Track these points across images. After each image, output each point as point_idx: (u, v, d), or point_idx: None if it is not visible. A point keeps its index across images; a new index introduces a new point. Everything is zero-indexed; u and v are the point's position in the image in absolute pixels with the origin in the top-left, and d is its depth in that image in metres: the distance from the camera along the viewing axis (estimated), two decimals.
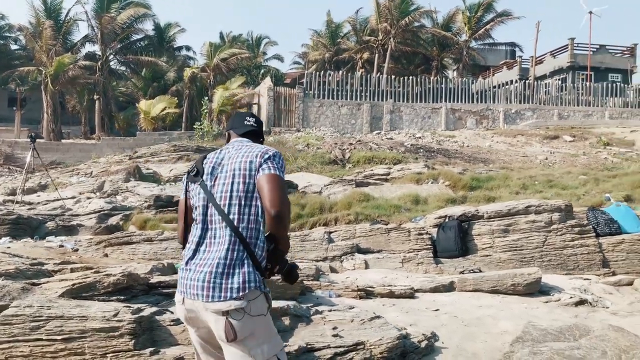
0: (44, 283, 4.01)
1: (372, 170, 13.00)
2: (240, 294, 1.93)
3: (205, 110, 24.69)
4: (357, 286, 5.01)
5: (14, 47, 36.92)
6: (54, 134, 25.34)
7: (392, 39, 30.03)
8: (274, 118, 24.46)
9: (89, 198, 10.20)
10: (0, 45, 35.01)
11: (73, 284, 3.69)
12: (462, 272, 5.83)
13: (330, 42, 36.97)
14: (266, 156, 2.10)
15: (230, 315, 1.92)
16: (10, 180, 15.00)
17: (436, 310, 4.64)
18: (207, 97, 26.11)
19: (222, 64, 28.94)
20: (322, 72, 26.45)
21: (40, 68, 26.78)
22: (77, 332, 2.80)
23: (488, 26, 30.20)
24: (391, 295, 4.98)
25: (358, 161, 15.31)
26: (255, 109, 27.69)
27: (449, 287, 5.24)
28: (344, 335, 3.44)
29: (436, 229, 6.48)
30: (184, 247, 2.16)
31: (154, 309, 3.13)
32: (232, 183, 2.08)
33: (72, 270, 4.96)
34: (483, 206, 6.60)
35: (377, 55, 31.74)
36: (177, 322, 2.99)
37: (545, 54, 33.76)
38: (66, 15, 29.79)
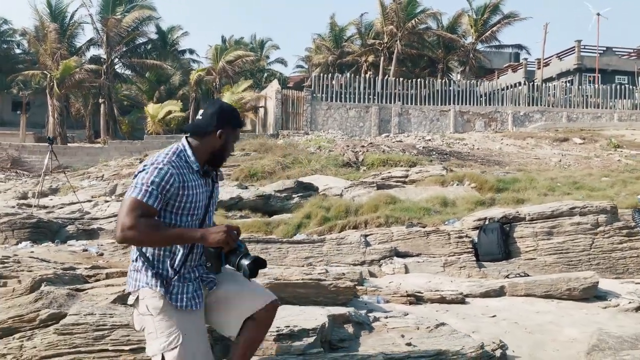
0: (88, 289, 3.79)
1: (389, 172, 12.81)
2: (131, 289, 2.27)
3: None
4: (406, 291, 4.80)
5: (17, 51, 36.81)
6: (60, 137, 25.11)
7: (398, 41, 29.90)
8: (282, 121, 24.30)
9: (106, 201, 10.00)
10: (3, 49, 34.88)
11: (124, 290, 3.48)
12: (507, 276, 5.62)
13: (334, 45, 36.85)
14: (137, 171, 2.17)
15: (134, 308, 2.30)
16: (20, 184, 14.78)
17: (493, 316, 4.43)
18: None
19: (228, 66, 28.81)
20: (330, 74, 26.30)
21: (45, 72, 26.61)
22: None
23: (495, 28, 30.10)
24: (442, 300, 4.77)
25: (372, 164, 15.13)
26: (261, 112, 27.53)
27: (499, 292, 5.03)
28: (416, 344, 3.23)
29: (475, 232, 6.28)
30: None
31: None
32: None
33: (107, 276, 4.75)
34: (524, 208, 6.40)
35: (382, 58, 31.63)
36: None
37: (552, 56, 33.68)
38: (71, 19, 29.68)
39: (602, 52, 31.86)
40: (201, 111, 2.30)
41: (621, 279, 5.62)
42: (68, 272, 4.90)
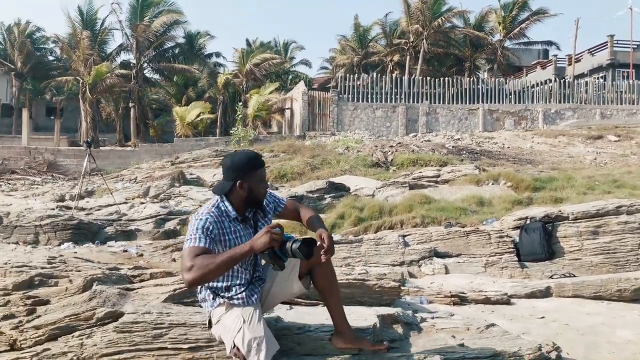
0: (137, 288, 3.85)
1: (420, 172, 12.68)
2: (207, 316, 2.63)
3: (240, 116, 24.72)
4: (450, 292, 4.73)
5: (50, 58, 37.84)
6: (84, 145, 25.67)
7: (424, 40, 29.63)
8: (309, 122, 24.34)
9: (142, 203, 10.17)
10: (37, 56, 35.89)
11: (174, 290, 3.52)
12: (551, 277, 5.50)
13: (358, 45, 36.72)
14: None
15: None
16: (57, 187, 15.16)
17: (542, 317, 4.33)
18: (240, 103, 26.17)
19: (255, 69, 29.02)
20: (355, 75, 26.23)
21: (78, 77, 27.28)
22: (203, 341, 2.61)
23: (523, 25, 29.53)
24: (486, 301, 4.69)
25: (402, 164, 15.02)
26: (288, 113, 27.65)
27: (545, 293, 4.92)
28: (468, 345, 3.17)
29: (516, 232, 6.16)
30: None
31: (274, 314, 2.92)
32: None
33: (151, 276, 4.81)
34: (567, 207, 6.25)
35: (408, 57, 31.39)
36: (303, 329, 2.78)
37: (583, 52, 32.88)
38: (101, 25, 30.36)
39: (635, 46, 30.96)
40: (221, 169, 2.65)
41: None
42: (113, 272, 5.00)
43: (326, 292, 2.65)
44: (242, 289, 2.50)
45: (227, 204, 2.51)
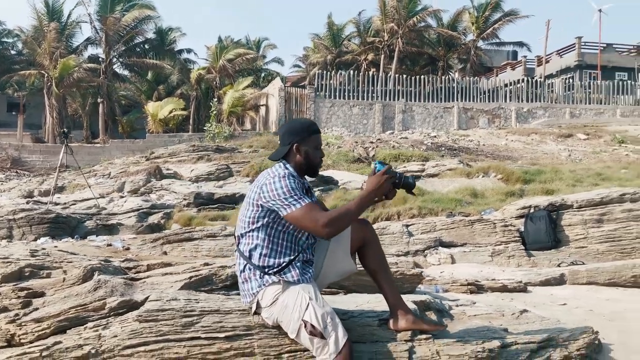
0: (144, 278, 3.54)
1: (405, 167, 12.61)
2: (250, 299, 2.41)
3: (214, 112, 24.19)
4: (466, 280, 4.57)
5: (12, 52, 36.23)
6: (59, 137, 24.68)
7: (399, 39, 29.73)
8: (285, 119, 23.99)
9: (122, 197, 9.70)
10: None
11: (190, 277, 3.22)
12: (559, 265, 5.42)
13: (332, 44, 36.55)
14: (256, 192, 2.39)
15: None
16: (24, 183, 14.41)
17: (563, 304, 4.21)
18: (215, 99, 25.62)
19: (229, 65, 28.48)
20: (332, 72, 26.07)
21: (43, 71, 26.17)
22: (241, 329, 2.33)
23: (496, 25, 30.00)
24: (503, 289, 4.56)
25: (384, 159, 14.91)
26: (263, 110, 27.26)
27: (560, 280, 4.83)
28: (512, 330, 3.00)
29: (518, 221, 6.08)
30: None
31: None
32: None
33: (148, 267, 4.49)
34: (571, 195, 6.21)
35: (382, 56, 31.44)
36: (347, 314, 2.54)
37: (552, 53, 33.69)
38: (68, 17, 29.25)
39: (602, 48, 31.90)
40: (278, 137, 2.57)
41: None
42: (106, 264, 4.64)
43: (379, 271, 2.50)
44: (297, 266, 2.31)
45: (290, 167, 2.37)
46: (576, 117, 26.78)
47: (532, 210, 6.01)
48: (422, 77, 26.38)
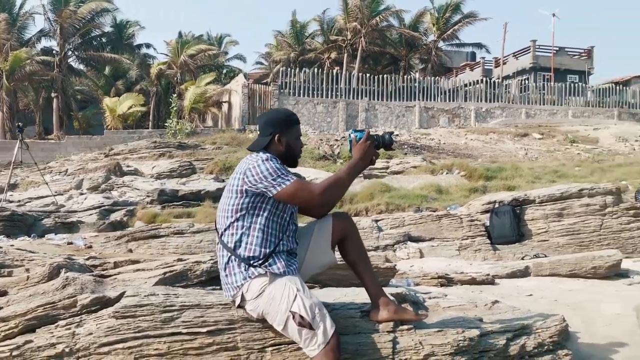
0: (115, 274, 3.44)
1: None
2: (234, 292, 2.37)
3: (175, 108, 23.71)
4: (437, 273, 4.66)
5: None
6: (10, 133, 23.63)
7: (362, 38, 29.96)
8: (249, 116, 23.82)
9: (82, 194, 9.37)
10: None
11: (164, 273, 3.15)
12: (522, 258, 5.60)
13: (295, 41, 36.45)
14: (239, 178, 2.39)
15: None
16: None
17: (530, 295, 4.36)
18: (176, 95, 25.09)
19: (190, 60, 27.97)
20: (297, 69, 26.00)
21: None
22: (223, 323, 2.29)
23: (456, 27, 30.67)
24: (472, 282, 4.67)
25: (349, 157, 15.00)
26: (225, 107, 26.91)
27: (525, 272, 4.99)
28: (487, 320, 3.07)
29: (484, 215, 6.24)
30: None
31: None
32: None
33: (115, 265, 4.36)
34: (533, 191, 6.42)
35: (345, 54, 31.61)
36: (329, 307, 2.53)
37: (509, 55, 34.74)
38: (20, 8, 28.01)
39: (555, 51, 33.14)
40: (257, 126, 2.63)
41: (631, 257, 5.71)
42: (71, 261, 4.49)
43: (359, 263, 2.52)
44: (282, 257, 2.30)
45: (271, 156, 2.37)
46: (531, 117, 27.72)
47: (497, 206, 6.17)
48: (385, 76, 26.68)
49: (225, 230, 2.34)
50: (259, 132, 2.49)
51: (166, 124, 22.11)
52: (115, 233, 6.36)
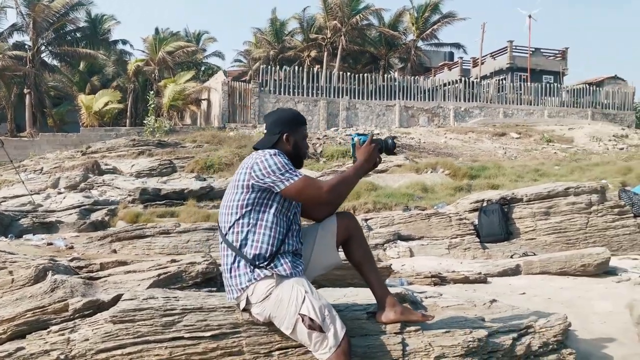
0: (105, 276, 3.32)
1: (349, 164, 12.68)
2: (237, 294, 2.30)
3: (152, 105, 23.30)
4: (430, 272, 4.64)
5: None
6: None
7: (342, 36, 29.95)
8: (229, 114, 23.57)
9: (60, 193, 9.09)
10: None
11: (159, 275, 3.04)
12: (511, 257, 5.63)
13: (274, 39, 36.25)
14: (246, 172, 2.34)
15: None
16: None
17: (523, 293, 4.36)
18: (153, 92, 24.65)
19: (168, 57, 27.53)
20: (278, 67, 25.84)
21: None
22: (228, 327, 2.20)
23: (435, 26, 30.91)
24: (465, 280, 4.66)
25: (332, 155, 15.01)
26: (204, 104, 26.59)
27: (516, 271, 5.01)
28: (489, 320, 3.05)
29: (472, 214, 6.26)
30: None
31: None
32: None
33: (101, 266, 4.22)
34: (520, 189, 6.46)
35: (325, 53, 31.55)
36: (335, 308, 2.47)
37: (486, 55, 35.17)
38: None
39: (531, 52, 33.68)
40: (264, 126, 2.49)
41: (616, 255, 5.78)
42: (54, 263, 4.33)
43: (364, 263, 2.46)
44: (288, 258, 2.23)
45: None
46: (509, 116, 28.12)
47: (485, 204, 6.19)
48: (366, 75, 26.73)
49: (229, 228, 2.26)
50: (265, 131, 2.44)
51: (145, 122, 21.72)
52: (98, 233, 6.17)
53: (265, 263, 2.19)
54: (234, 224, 2.25)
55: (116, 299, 2.62)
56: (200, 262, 3.25)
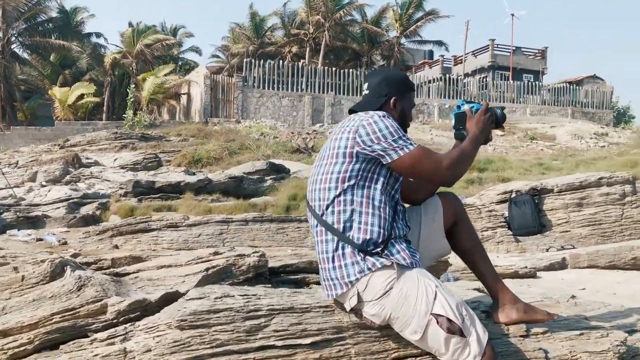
0: (132, 272, 2.81)
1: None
2: (344, 289, 1.90)
3: (131, 99, 22.41)
4: None
5: None
6: None
7: (326, 32, 29.53)
8: (211, 108, 22.85)
9: (43, 186, 8.40)
10: None
11: (207, 269, 2.54)
12: (547, 250, 5.30)
13: (254, 34, 35.55)
14: (345, 135, 1.98)
15: None
16: None
17: (583, 289, 4.02)
18: (133, 85, 23.74)
19: (147, 50, 26.61)
20: (262, 61, 25.22)
21: None
22: (330, 332, 1.73)
23: (419, 23, 30.78)
24: (515, 275, 4.31)
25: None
26: (184, 99, 25.78)
27: (562, 265, 4.68)
28: (596, 320, 2.67)
29: (501, 206, 5.91)
30: None
31: None
32: None
33: (113, 262, 3.69)
34: (550, 179, 6.16)
35: (308, 48, 31.09)
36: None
37: (468, 53, 35.28)
38: None
39: (513, 50, 33.93)
40: (365, 85, 2.08)
41: None
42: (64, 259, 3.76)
43: (475, 252, 2.08)
44: (403, 245, 1.80)
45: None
46: None
47: (514, 195, 5.85)
48: (351, 70, 26.37)
49: (327, 207, 1.79)
50: (367, 91, 2.03)
51: (124, 116, 20.85)
52: (96, 227, 5.58)
53: (379, 249, 1.73)
54: (333, 200, 1.79)
55: (165, 299, 2.13)
56: (250, 255, 2.76)
